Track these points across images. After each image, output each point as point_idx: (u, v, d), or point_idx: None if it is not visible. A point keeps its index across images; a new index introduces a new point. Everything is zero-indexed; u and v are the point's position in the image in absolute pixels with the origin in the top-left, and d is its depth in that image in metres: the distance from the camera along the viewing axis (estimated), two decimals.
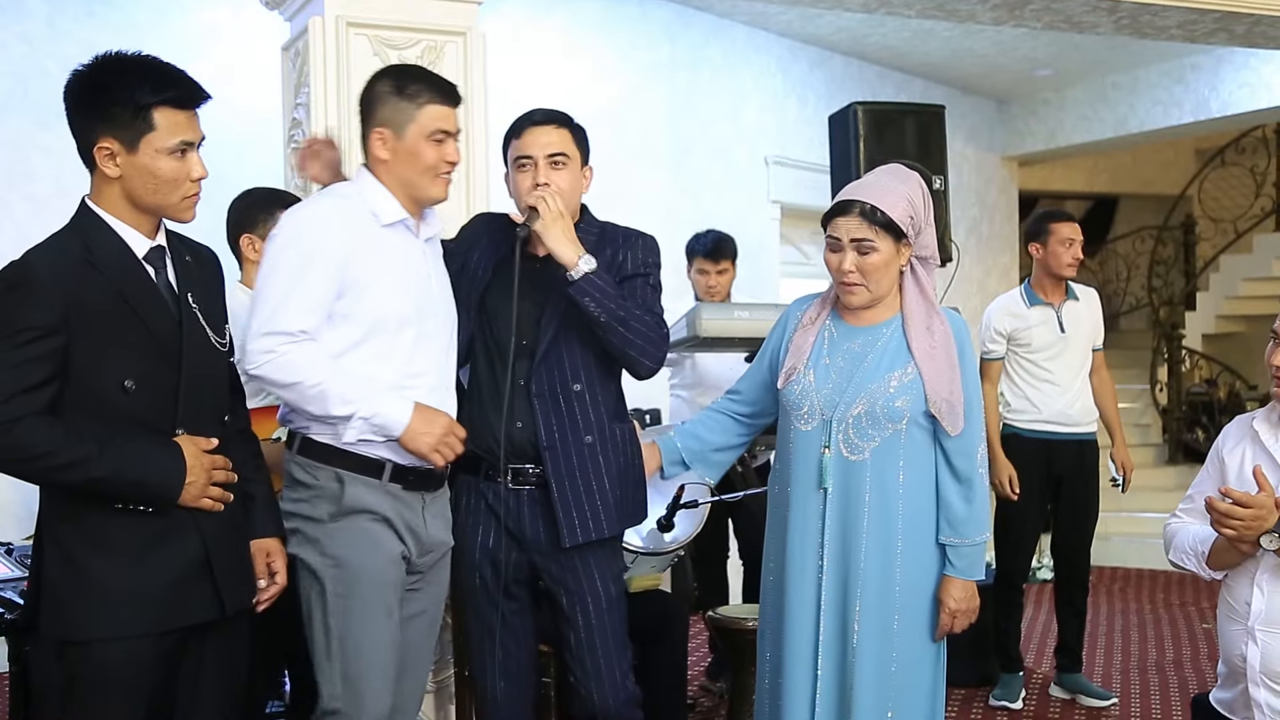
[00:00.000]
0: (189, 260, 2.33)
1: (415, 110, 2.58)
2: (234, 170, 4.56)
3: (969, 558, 2.65)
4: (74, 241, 2.18)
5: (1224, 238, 10.00)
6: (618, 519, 2.76)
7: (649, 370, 2.73)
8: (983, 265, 8.02)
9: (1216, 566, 2.67)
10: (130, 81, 2.16)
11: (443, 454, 2.57)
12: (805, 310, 2.78)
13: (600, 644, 2.74)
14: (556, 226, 2.63)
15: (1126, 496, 4.95)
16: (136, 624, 2.16)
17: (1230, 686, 2.70)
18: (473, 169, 3.51)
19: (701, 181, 6.31)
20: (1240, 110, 7.26)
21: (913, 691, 2.68)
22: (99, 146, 2.17)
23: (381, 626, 2.53)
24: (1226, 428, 2.84)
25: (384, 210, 2.57)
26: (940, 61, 7.27)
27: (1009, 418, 4.68)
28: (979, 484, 2.66)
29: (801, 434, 2.69)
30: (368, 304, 2.51)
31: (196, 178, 2.24)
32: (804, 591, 2.67)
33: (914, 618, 2.67)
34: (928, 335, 2.63)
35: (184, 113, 2.21)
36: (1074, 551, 4.70)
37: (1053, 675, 4.86)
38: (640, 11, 6.07)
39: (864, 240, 2.60)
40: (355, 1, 3.46)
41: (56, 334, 2.10)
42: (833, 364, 2.68)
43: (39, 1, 4.63)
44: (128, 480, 2.15)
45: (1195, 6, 4.74)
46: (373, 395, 2.50)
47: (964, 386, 2.62)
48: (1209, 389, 9.50)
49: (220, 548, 2.27)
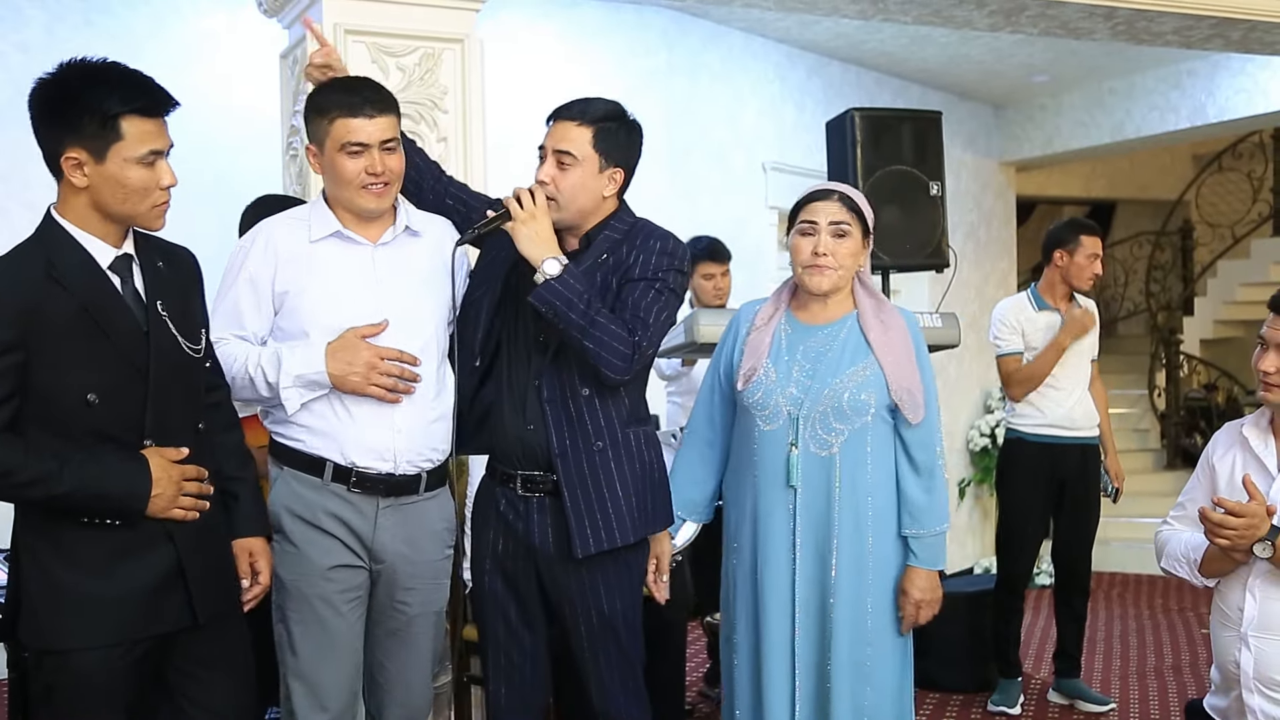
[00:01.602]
0: (160, 265, 2.30)
1: (328, 125, 2.56)
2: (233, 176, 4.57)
3: (932, 548, 2.72)
4: (36, 255, 2.15)
5: (1221, 243, 10.02)
6: (631, 527, 2.63)
7: (611, 380, 2.56)
8: (980, 271, 8.02)
9: (1209, 574, 2.67)
10: (98, 90, 2.12)
11: (382, 384, 2.54)
12: (757, 312, 2.81)
13: (604, 658, 2.67)
14: (526, 227, 2.54)
15: (1125, 502, 4.95)
16: (110, 633, 2.16)
17: (1224, 693, 2.70)
18: (470, 174, 3.51)
19: (699, 187, 6.31)
20: (1237, 116, 7.27)
21: (885, 685, 2.72)
22: (66, 156, 2.14)
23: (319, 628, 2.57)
24: (1216, 434, 2.84)
25: (315, 225, 2.62)
26: (937, 67, 7.28)
27: (1013, 422, 4.69)
28: (939, 475, 2.73)
29: (766, 433, 2.71)
30: (299, 315, 2.58)
31: (166, 185, 2.21)
32: (778, 590, 2.70)
33: (885, 611, 2.72)
34: (883, 328, 2.71)
35: (153, 121, 2.17)
36: (1075, 556, 4.70)
37: (1051, 680, 4.86)
38: (638, 18, 6.08)
39: (842, 224, 2.70)
40: (353, 9, 3.46)
41: (14, 351, 2.08)
42: (793, 361, 2.72)
43: (37, 10, 4.63)
44: (91, 495, 2.14)
45: (1191, 12, 4.74)
46: (286, 355, 2.54)
47: (922, 378, 2.70)
48: (1207, 394, 9.52)
49: (194, 555, 2.26)
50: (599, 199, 2.66)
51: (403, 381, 2.57)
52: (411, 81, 3.50)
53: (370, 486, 2.58)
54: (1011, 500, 4.71)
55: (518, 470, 2.65)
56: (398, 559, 2.63)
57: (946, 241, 4.28)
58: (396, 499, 2.62)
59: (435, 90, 3.55)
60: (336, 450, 2.57)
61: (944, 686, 4.81)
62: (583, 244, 2.68)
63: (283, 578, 2.58)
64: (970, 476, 7.77)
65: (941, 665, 4.78)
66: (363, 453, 2.58)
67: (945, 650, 4.76)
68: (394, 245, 2.66)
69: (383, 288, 2.62)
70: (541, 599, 2.71)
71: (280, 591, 2.60)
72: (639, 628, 2.74)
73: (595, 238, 2.67)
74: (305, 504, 2.58)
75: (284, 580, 2.59)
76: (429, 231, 2.71)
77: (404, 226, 2.67)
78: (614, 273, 2.63)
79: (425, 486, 2.66)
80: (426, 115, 3.54)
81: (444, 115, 3.57)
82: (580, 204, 2.64)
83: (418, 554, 2.66)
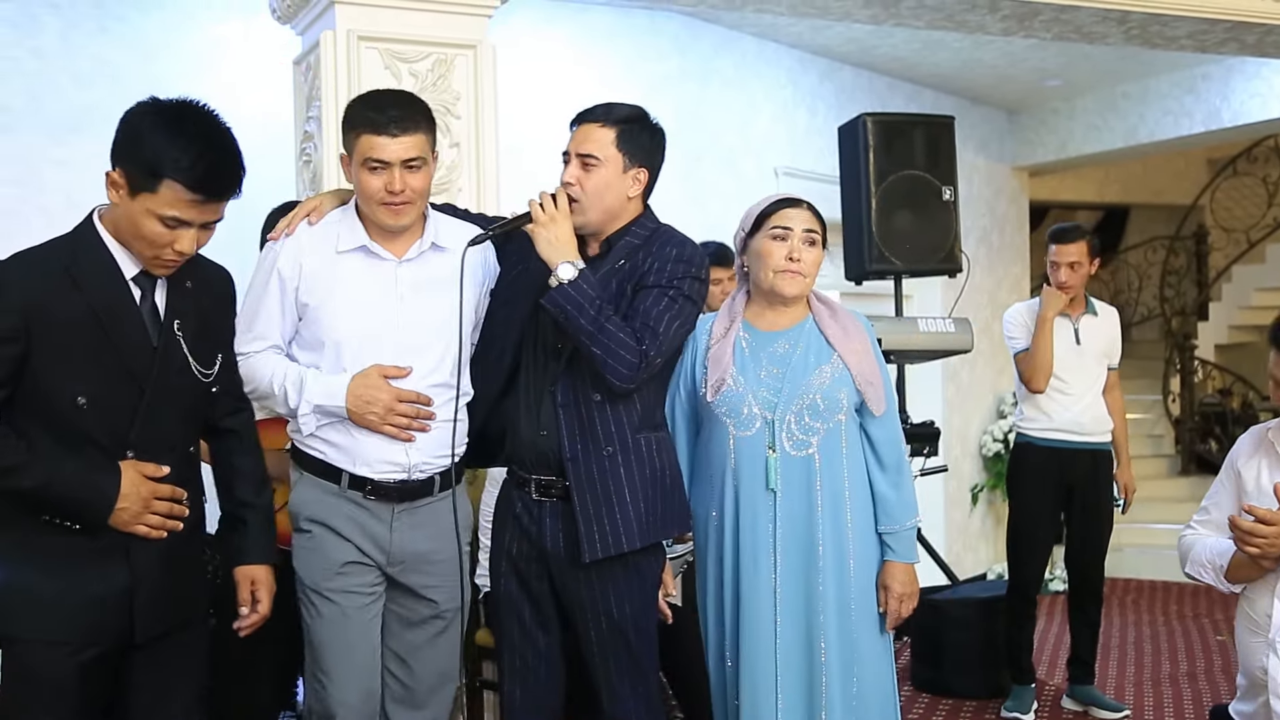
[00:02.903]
0: (189, 286, 2.31)
1: (354, 139, 2.57)
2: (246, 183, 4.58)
3: (905, 541, 2.80)
4: (62, 251, 2.19)
5: (1236, 248, 9.97)
6: (639, 532, 2.62)
7: (617, 387, 2.57)
8: (993, 276, 8.00)
9: (1236, 580, 2.66)
10: (161, 143, 2.13)
11: (397, 425, 2.57)
12: (711, 326, 2.83)
13: (614, 664, 2.67)
14: (546, 230, 2.56)
15: (1139, 508, 4.94)
16: (54, 629, 2.18)
17: (1251, 699, 2.68)
18: (483, 179, 3.52)
19: (710, 192, 6.31)
20: (1252, 120, 7.24)
21: (874, 680, 2.74)
22: (110, 172, 2.19)
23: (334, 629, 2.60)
24: (1240, 439, 2.82)
25: (343, 238, 2.63)
26: (950, 72, 7.26)
27: (1021, 426, 4.68)
28: (906, 470, 2.82)
29: (742, 440, 2.74)
30: (319, 327, 2.61)
31: (179, 250, 2.21)
32: (760, 595, 2.71)
33: (868, 607, 2.76)
34: (838, 325, 2.78)
35: (197, 196, 2.16)
36: (1087, 562, 4.68)
37: (1065, 687, 4.84)
38: (649, 23, 6.08)
39: (813, 232, 2.77)
40: (366, 15, 3.48)
41: (14, 341, 2.11)
42: (760, 367, 2.76)
43: (52, 17, 4.65)
44: (55, 495, 2.16)
45: (1205, 16, 4.72)
46: (310, 382, 2.57)
47: (881, 373, 2.77)
48: (1222, 399, 9.47)
49: (147, 577, 2.26)
50: (624, 200, 2.67)
51: (418, 421, 2.60)
52: (424, 87, 3.51)
53: (385, 494, 2.63)
54: (1021, 505, 4.71)
55: (532, 474, 2.67)
56: (415, 558, 2.68)
57: (959, 246, 4.28)
58: (412, 503, 2.66)
59: (448, 96, 3.56)
60: (351, 463, 2.62)
61: (957, 693, 4.79)
62: (603, 249, 2.69)
63: (301, 575, 2.65)
64: (983, 482, 7.75)
65: (954, 671, 4.76)
66: (377, 464, 2.63)
67: (958, 656, 4.74)
68: (419, 261, 2.67)
69: (404, 305, 2.63)
70: (555, 602, 2.72)
71: (300, 589, 2.66)
72: (653, 634, 2.74)
73: (616, 243, 2.68)
74: (322, 506, 2.64)
75: (301, 577, 2.65)
76: (456, 245, 2.70)
77: (430, 242, 2.68)
78: (629, 279, 2.63)
79: (439, 487, 2.69)
80: (439, 121, 3.51)
81: (457, 121, 3.58)
82: (606, 204, 2.65)
83: (435, 552, 2.69)
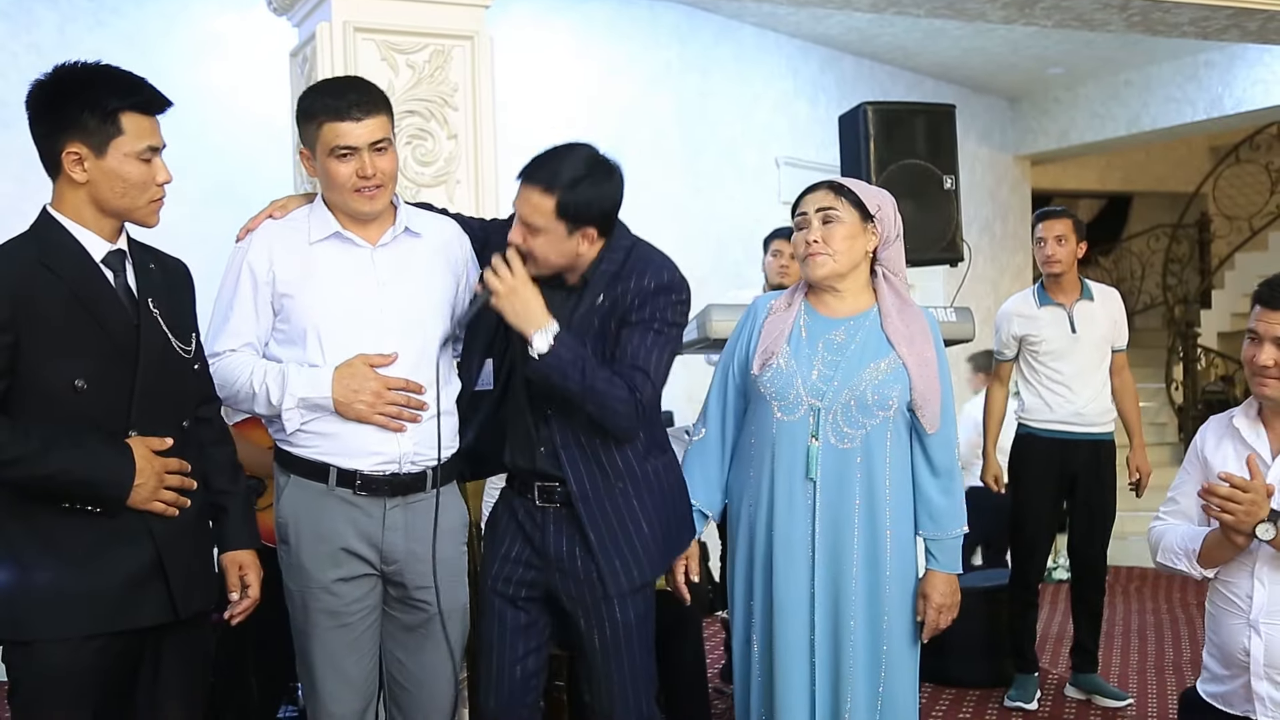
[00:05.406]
0: (153, 267, 2.33)
1: (316, 130, 2.53)
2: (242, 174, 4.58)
3: (950, 551, 2.71)
4: (29, 244, 2.20)
5: (1239, 235, 9.96)
6: (659, 558, 2.64)
7: (623, 435, 2.55)
8: (996, 265, 8.00)
9: (1209, 563, 2.65)
10: (97, 88, 2.19)
11: (387, 413, 2.53)
12: (774, 301, 2.80)
13: (615, 668, 2.65)
14: (509, 302, 2.48)
15: (1143, 496, 4.92)
16: (81, 624, 2.16)
17: (1226, 680, 2.68)
18: (481, 171, 3.51)
19: (712, 183, 6.31)
20: (1254, 107, 7.23)
21: (900, 683, 2.70)
22: (67, 152, 2.19)
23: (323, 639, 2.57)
24: (1203, 428, 2.80)
25: (315, 229, 2.60)
26: (951, 61, 7.25)
27: (1023, 417, 4.67)
28: (957, 476, 2.72)
29: (784, 424, 2.69)
30: (299, 317, 2.56)
31: (161, 182, 2.27)
32: (795, 584, 2.67)
33: (902, 611, 2.70)
34: (904, 325, 2.69)
35: (149, 118, 2.24)
36: (1090, 551, 4.67)
37: (1068, 675, 4.83)
38: (649, 14, 6.07)
39: (829, 209, 2.68)
40: (363, 6, 3.46)
41: (5, 332, 2.11)
42: (814, 352, 2.70)
43: (49, 11, 4.65)
44: (74, 479, 2.15)
45: (1207, 3, 4.71)
46: (293, 375, 2.53)
47: (940, 379, 2.68)
48: (1225, 387, 9.45)
49: (174, 552, 2.26)
50: (575, 255, 2.57)
51: (408, 410, 2.56)
52: (421, 79, 3.50)
53: (376, 488, 2.56)
54: (1022, 495, 4.69)
55: (533, 480, 2.64)
56: (409, 558, 2.61)
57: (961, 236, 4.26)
58: (404, 498, 2.59)
59: (445, 87, 3.55)
60: (339, 456, 2.56)
61: (960, 682, 4.78)
62: (580, 280, 2.61)
63: (290, 588, 2.60)
64: None
65: (958, 660, 4.75)
66: (366, 456, 2.56)
67: (962, 645, 4.73)
68: (393, 246, 2.63)
69: (384, 289, 2.59)
70: (547, 608, 2.69)
71: (289, 600, 2.61)
72: (651, 642, 2.72)
73: (592, 275, 2.60)
74: (311, 511, 2.57)
75: (291, 590, 2.60)
76: (429, 232, 2.68)
77: (404, 227, 2.64)
78: (611, 315, 2.57)
79: (432, 483, 2.62)
80: (437, 113, 3.54)
81: (454, 112, 3.57)
82: (557, 261, 2.56)
83: (429, 552, 2.63)
